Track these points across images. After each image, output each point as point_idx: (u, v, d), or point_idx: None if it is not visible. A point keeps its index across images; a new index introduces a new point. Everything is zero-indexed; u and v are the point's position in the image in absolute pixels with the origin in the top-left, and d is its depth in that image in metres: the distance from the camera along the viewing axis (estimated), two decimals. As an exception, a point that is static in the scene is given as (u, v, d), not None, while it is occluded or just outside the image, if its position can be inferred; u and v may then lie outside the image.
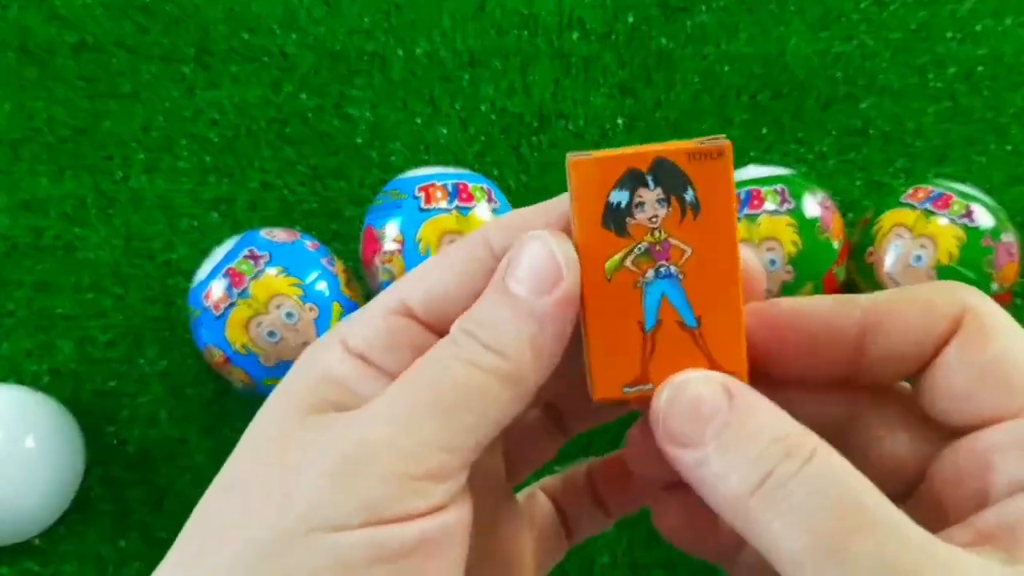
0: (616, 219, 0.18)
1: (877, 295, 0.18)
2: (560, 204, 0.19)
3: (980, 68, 0.44)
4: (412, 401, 0.17)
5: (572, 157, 0.18)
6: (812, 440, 0.16)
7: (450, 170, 0.39)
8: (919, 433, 0.19)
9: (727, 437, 0.16)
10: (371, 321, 0.18)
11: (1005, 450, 0.16)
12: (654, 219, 0.18)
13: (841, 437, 0.19)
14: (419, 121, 0.44)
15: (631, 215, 0.18)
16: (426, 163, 0.43)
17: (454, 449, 0.16)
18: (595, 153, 0.18)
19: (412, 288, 0.18)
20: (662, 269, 0.18)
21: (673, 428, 0.17)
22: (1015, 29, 0.45)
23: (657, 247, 0.18)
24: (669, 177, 0.17)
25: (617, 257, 0.18)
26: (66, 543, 0.39)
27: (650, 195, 0.17)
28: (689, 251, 0.18)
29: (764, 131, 0.44)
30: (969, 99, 0.44)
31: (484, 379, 0.17)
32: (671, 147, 0.17)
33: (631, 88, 0.44)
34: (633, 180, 0.17)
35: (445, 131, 0.44)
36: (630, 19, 0.45)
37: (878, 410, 0.20)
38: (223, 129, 0.43)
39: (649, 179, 0.17)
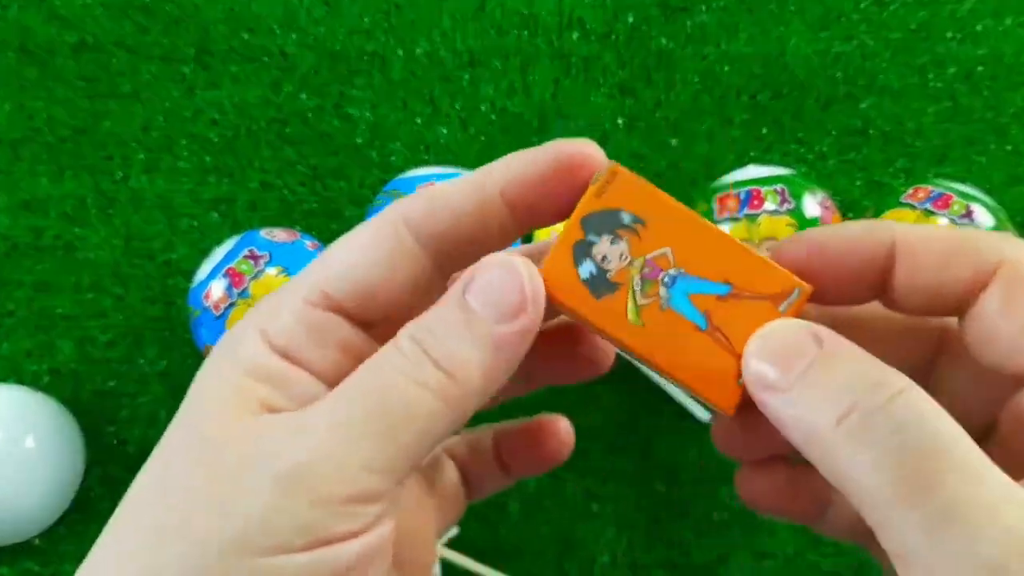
0: (601, 284, 0.18)
1: (916, 227, 0.18)
2: (483, 177, 0.18)
3: (980, 68, 0.44)
4: (353, 416, 0.16)
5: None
6: (902, 380, 0.16)
7: (450, 170, 0.39)
8: (988, 383, 0.18)
9: (813, 375, 0.16)
10: (289, 313, 0.17)
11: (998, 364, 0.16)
12: (623, 256, 0.18)
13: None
14: (419, 121, 0.44)
15: (607, 271, 0.18)
16: (426, 163, 0.43)
17: (392, 470, 0.16)
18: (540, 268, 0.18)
19: (329, 274, 0.17)
20: (666, 279, 0.18)
21: (763, 373, 0.17)
22: (1015, 29, 0.45)
23: (646, 270, 0.18)
24: (601, 222, 0.18)
25: (630, 306, 0.18)
26: (66, 543, 0.39)
27: (603, 246, 0.18)
28: (668, 250, 0.18)
29: (764, 131, 0.44)
30: (969, 99, 0.44)
31: (429, 400, 0.16)
32: (582, 205, 0.18)
33: (631, 88, 0.44)
34: (582, 250, 0.18)
35: (445, 131, 0.44)
36: (630, 19, 0.45)
37: (950, 359, 0.20)
38: (223, 129, 0.43)
39: (591, 237, 0.18)
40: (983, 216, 0.36)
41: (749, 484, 0.21)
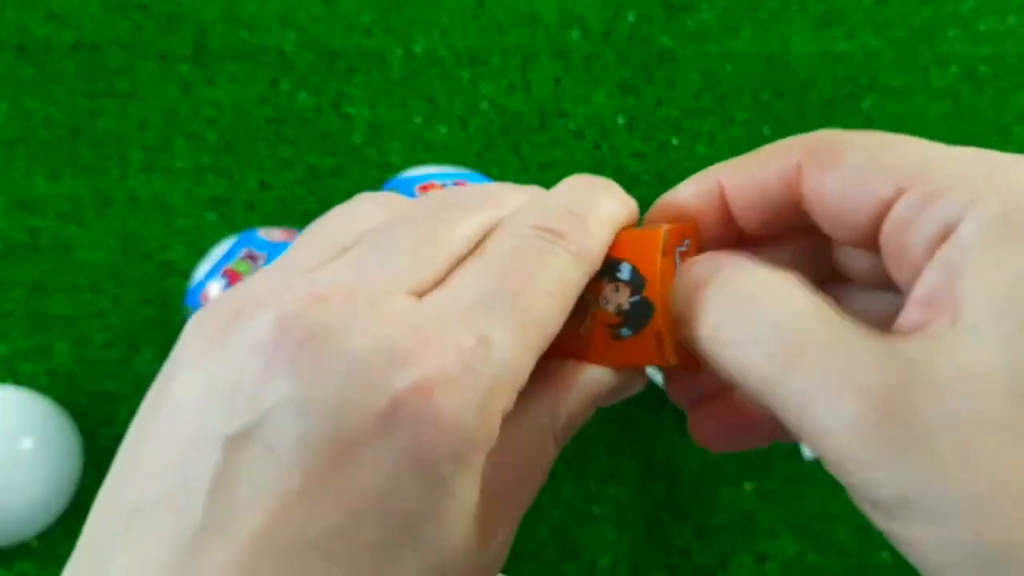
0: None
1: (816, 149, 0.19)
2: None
3: (983, 67, 0.44)
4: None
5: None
6: (776, 280, 0.17)
7: (449, 169, 0.38)
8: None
9: (722, 303, 0.17)
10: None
11: (908, 224, 0.16)
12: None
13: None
14: (418, 120, 0.44)
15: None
16: (425, 162, 0.42)
17: None
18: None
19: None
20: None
21: (683, 312, 0.18)
22: (1018, 28, 0.44)
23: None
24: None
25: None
26: (63, 545, 0.38)
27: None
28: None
29: (766, 130, 0.44)
30: (972, 98, 0.44)
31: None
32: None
33: (632, 86, 0.44)
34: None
35: (444, 130, 0.43)
36: (631, 17, 0.45)
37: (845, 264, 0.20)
38: (221, 128, 0.43)
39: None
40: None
41: (700, 428, 0.21)
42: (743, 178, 0.19)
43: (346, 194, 0.43)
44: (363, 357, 0.15)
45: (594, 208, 0.18)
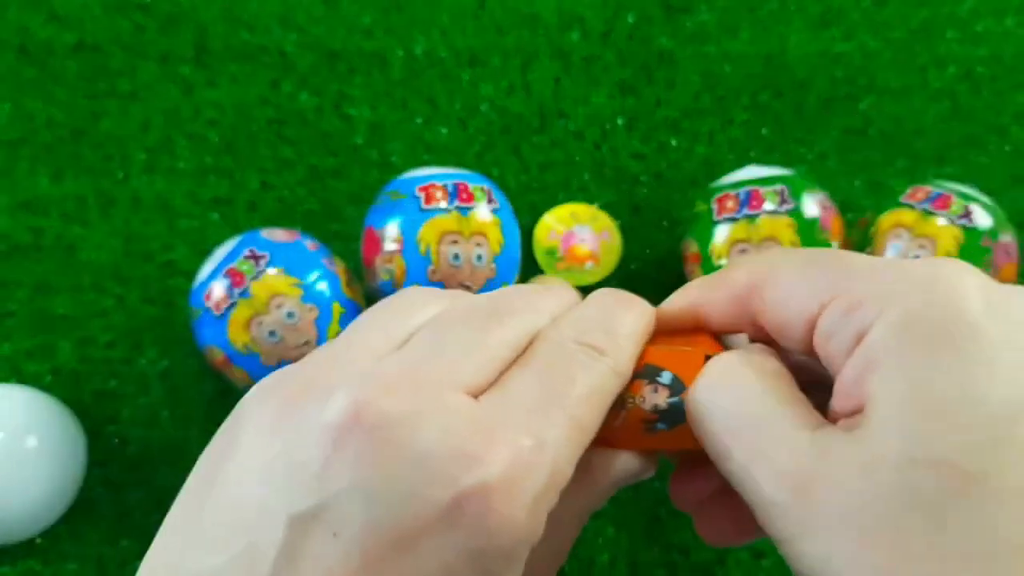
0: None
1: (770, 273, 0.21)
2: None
3: (980, 68, 0.44)
4: None
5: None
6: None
7: (450, 170, 0.39)
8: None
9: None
10: None
11: (831, 335, 0.18)
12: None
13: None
14: (419, 121, 0.44)
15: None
16: (426, 163, 0.43)
17: None
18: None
19: None
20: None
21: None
22: (1016, 29, 0.45)
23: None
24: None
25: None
26: (67, 543, 0.39)
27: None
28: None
29: (764, 131, 0.44)
30: (969, 99, 0.44)
31: None
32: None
33: (632, 87, 0.44)
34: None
35: (445, 131, 0.44)
36: (631, 18, 0.45)
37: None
38: (222, 129, 0.43)
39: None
40: (981, 216, 0.36)
41: (706, 528, 0.24)
42: (710, 296, 0.21)
43: (347, 194, 0.43)
44: (431, 452, 0.16)
45: (624, 325, 0.21)
